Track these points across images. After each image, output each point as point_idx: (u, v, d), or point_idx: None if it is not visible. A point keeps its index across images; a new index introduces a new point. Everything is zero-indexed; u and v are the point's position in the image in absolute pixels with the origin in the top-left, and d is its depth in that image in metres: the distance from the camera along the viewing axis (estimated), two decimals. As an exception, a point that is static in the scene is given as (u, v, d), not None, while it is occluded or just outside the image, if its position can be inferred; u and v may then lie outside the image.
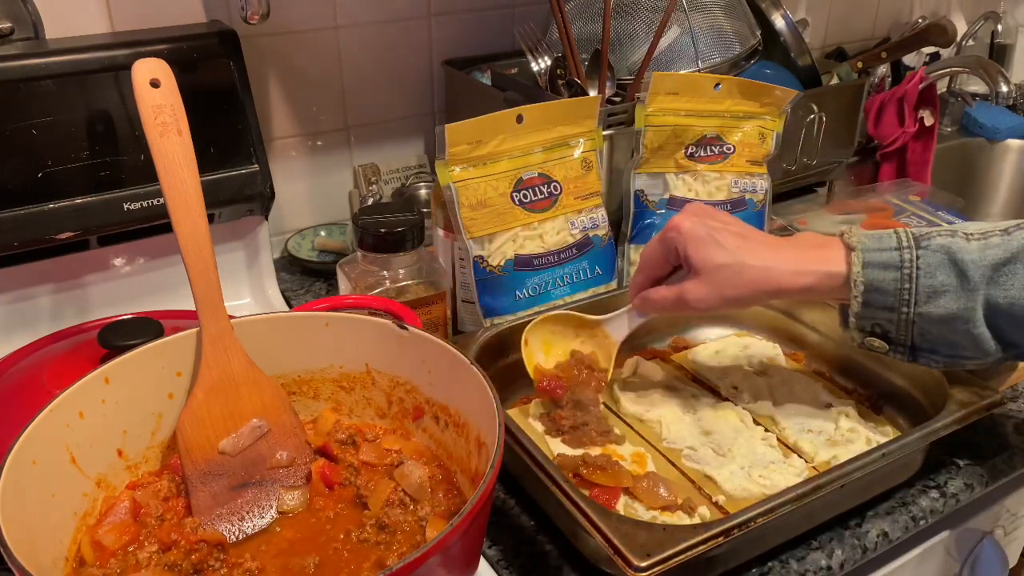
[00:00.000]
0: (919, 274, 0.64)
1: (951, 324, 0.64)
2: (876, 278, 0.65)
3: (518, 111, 0.84)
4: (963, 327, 0.64)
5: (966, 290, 0.63)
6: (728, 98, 0.97)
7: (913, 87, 1.35)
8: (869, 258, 0.65)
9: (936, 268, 0.64)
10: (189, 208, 0.63)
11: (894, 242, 0.65)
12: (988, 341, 0.64)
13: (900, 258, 0.64)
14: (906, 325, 0.65)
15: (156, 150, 0.62)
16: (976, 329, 0.64)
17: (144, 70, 0.63)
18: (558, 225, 0.89)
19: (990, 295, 0.63)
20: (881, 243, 0.65)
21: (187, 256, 0.63)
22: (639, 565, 0.55)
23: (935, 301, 0.64)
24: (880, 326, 0.67)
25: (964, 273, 0.63)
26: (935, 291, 0.63)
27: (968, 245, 0.64)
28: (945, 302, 0.63)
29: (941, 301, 0.64)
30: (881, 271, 0.65)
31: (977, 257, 0.63)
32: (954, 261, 0.63)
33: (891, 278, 0.64)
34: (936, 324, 0.64)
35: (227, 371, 0.65)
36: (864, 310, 0.66)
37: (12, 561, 0.47)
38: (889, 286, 0.64)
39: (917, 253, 0.64)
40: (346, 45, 1.09)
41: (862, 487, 0.71)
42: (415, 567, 0.47)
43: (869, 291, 0.65)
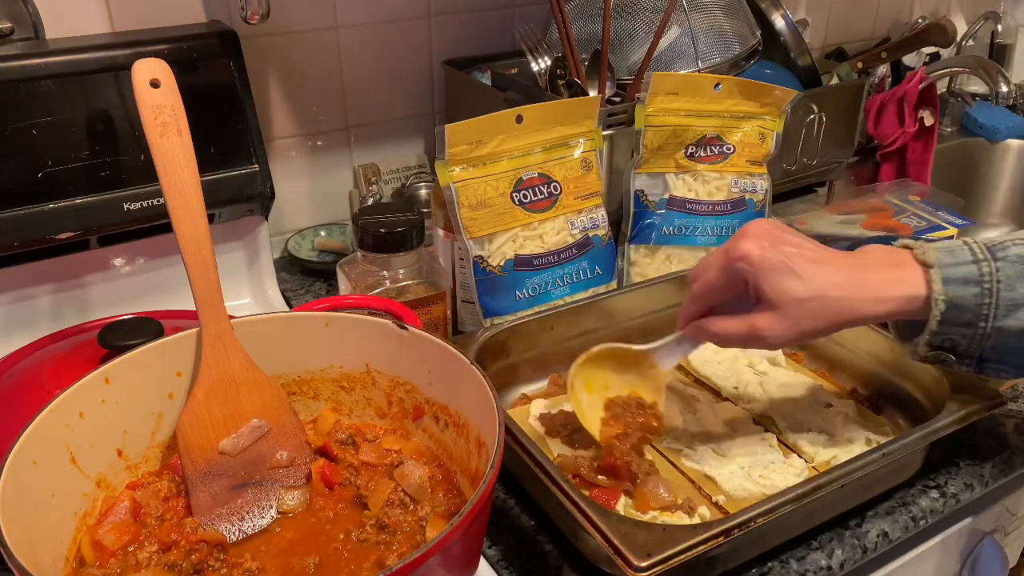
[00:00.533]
0: (999, 287, 0.61)
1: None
2: (957, 295, 0.61)
3: (518, 111, 0.84)
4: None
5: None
6: (728, 98, 0.97)
7: (913, 87, 1.35)
8: (948, 274, 0.62)
9: (1016, 280, 0.61)
10: (189, 208, 0.63)
11: (969, 255, 0.62)
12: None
13: (979, 272, 0.61)
14: (980, 339, 0.62)
15: (156, 150, 0.62)
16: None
17: (144, 70, 0.63)
18: (558, 225, 0.89)
19: None
20: (956, 257, 0.62)
21: (187, 256, 0.63)
22: (639, 565, 0.55)
23: (1015, 314, 0.61)
24: (952, 341, 0.63)
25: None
26: (1015, 304, 0.61)
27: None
28: None
29: (1021, 313, 0.61)
30: (962, 287, 0.61)
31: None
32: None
33: (972, 293, 0.61)
34: (1012, 337, 0.62)
35: (227, 371, 0.65)
36: (941, 328, 0.62)
37: (12, 561, 0.47)
38: (970, 302, 0.61)
39: (996, 265, 0.61)
40: (346, 45, 1.09)
41: (862, 487, 0.71)
42: (415, 567, 0.47)
43: (950, 309, 0.62)
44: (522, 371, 0.83)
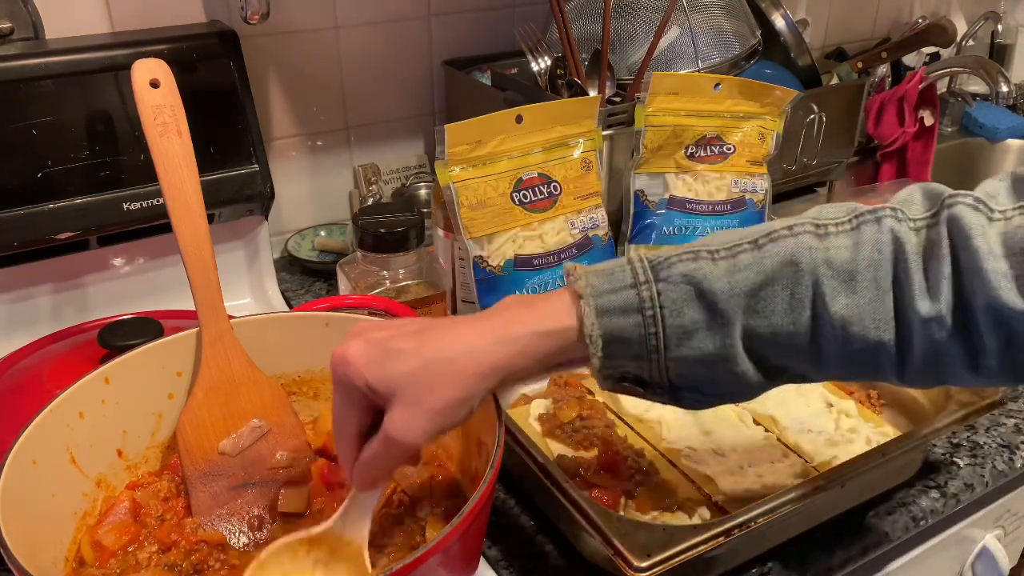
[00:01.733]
0: (664, 314, 0.51)
1: (711, 365, 0.52)
2: (615, 327, 0.51)
3: (518, 111, 0.84)
4: (723, 365, 0.52)
5: (720, 325, 0.51)
6: (728, 98, 0.97)
7: (913, 87, 1.35)
8: (602, 304, 0.51)
9: (683, 304, 0.51)
10: (189, 208, 0.63)
11: (628, 278, 0.52)
12: (751, 375, 0.53)
13: (639, 298, 0.51)
14: (660, 370, 0.52)
15: (156, 150, 0.62)
16: (738, 367, 0.52)
17: (144, 70, 0.63)
18: (558, 225, 0.89)
19: (749, 325, 0.51)
20: (614, 282, 0.52)
21: (187, 256, 0.63)
22: (639, 565, 0.55)
23: (688, 343, 0.51)
24: (630, 373, 0.53)
25: (715, 306, 0.51)
26: (686, 331, 0.51)
27: (715, 268, 0.51)
28: (699, 342, 0.51)
29: (694, 342, 0.51)
30: (620, 317, 0.51)
31: (726, 286, 0.51)
32: (701, 293, 0.51)
33: (632, 324, 0.51)
34: (694, 366, 0.52)
35: (227, 371, 0.65)
36: (608, 362, 0.52)
37: (12, 561, 0.47)
38: (632, 333, 0.51)
39: (657, 288, 0.51)
40: (346, 45, 1.09)
41: (862, 487, 0.71)
42: (415, 567, 0.47)
43: (610, 343, 0.51)
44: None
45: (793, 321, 0.51)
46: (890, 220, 0.51)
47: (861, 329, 0.50)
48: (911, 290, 0.50)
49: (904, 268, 0.50)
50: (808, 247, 0.51)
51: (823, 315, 0.50)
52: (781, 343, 0.52)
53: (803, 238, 0.51)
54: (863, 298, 0.50)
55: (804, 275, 0.50)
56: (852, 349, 0.51)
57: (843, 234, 0.51)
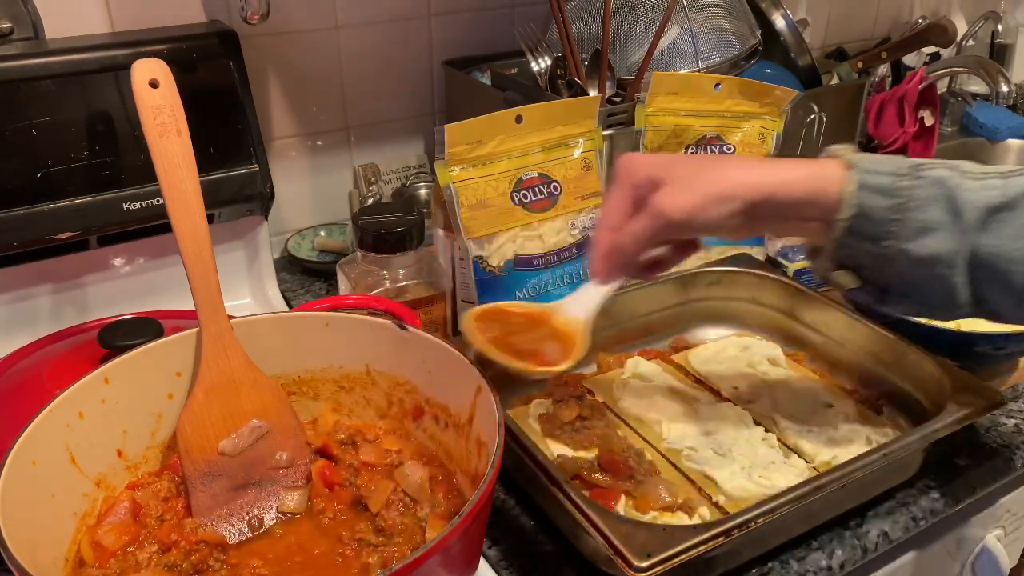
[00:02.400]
0: (912, 206, 0.57)
1: (931, 267, 0.58)
2: (869, 203, 0.57)
3: (517, 111, 0.84)
4: (944, 272, 0.58)
5: (959, 231, 0.57)
6: (728, 98, 0.97)
7: (913, 87, 1.35)
8: (866, 180, 0.58)
9: (930, 202, 0.57)
10: (189, 209, 0.63)
11: (893, 167, 0.58)
12: (963, 291, 0.59)
13: (896, 185, 0.57)
14: (884, 262, 0.59)
15: (155, 150, 0.62)
16: (958, 276, 0.58)
17: (143, 70, 0.63)
18: (558, 225, 0.89)
19: (980, 242, 0.57)
20: (880, 166, 0.58)
21: (187, 257, 0.63)
22: (639, 565, 0.55)
23: (922, 239, 0.57)
24: (856, 258, 0.60)
25: (960, 212, 0.57)
26: (925, 227, 0.57)
27: (966, 181, 0.58)
28: (933, 241, 0.57)
29: (928, 240, 0.57)
30: (875, 196, 0.57)
31: (973, 197, 0.57)
32: (951, 197, 0.57)
33: (883, 206, 0.57)
34: (916, 266, 0.58)
35: (227, 372, 0.65)
36: (847, 237, 0.59)
37: (12, 561, 0.47)
38: (880, 214, 0.57)
39: (915, 183, 0.57)
40: (346, 45, 1.09)
41: (862, 487, 0.71)
42: (415, 567, 0.47)
43: (859, 216, 0.58)
44: (522, 371, 0.83)
45: (1019, 248, 0.56)
46: None
47: None
48: None
49: None
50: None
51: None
52: (999, 268, 0.57)
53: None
54: None
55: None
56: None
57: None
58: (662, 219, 0.58)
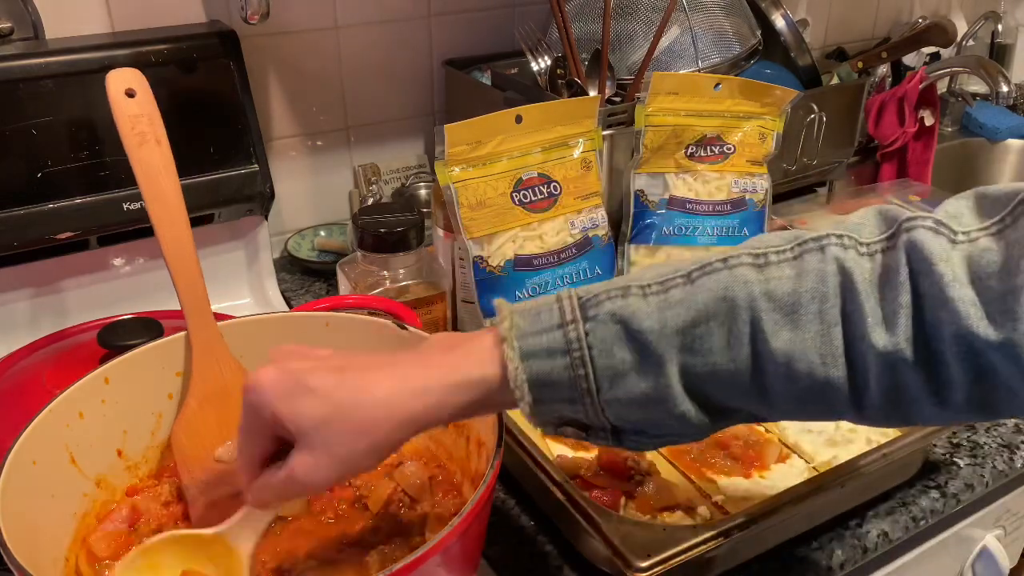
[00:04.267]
0: (593, 354, 0.48)
1: (648, 406, 0.49)
2: (542, 370, 0.48)
3: (517, 111, 0.84)
4: (662, 407, 0.48)
5: (652, 365, 0.47)
6: (728, 98, 0.97)
7: (913, 87, 1.35)
8: (527, 347, 0.48)
9: (612, 343, 0.48)
10: (172, 218, 0.62)
11: (556, 318, 0.49)
12: (694, 416, 0.49)
13: (566, 339, 0.48)
14: (597, 413, 0.49)
15: (135, 160, 0.62)
16: (677, 408, 0.48)
17: (118, 80, 0.62)
18: (558, 225, 0.89)
19: (686, 364, 0.48)
20: (540, 322, 0.49)
21: (172, 266, 0.63)
22: (639, 565, 0.55)
23: (621, 384, 0.48)
24: (567, 417, 0.50)
25: (646, 346, 0.47)
26: (617, 372, 0.48)
27: (645, 305, 0.48)
28: (632, 384, 0.48)
29: (628, 384, 0.48)
30: (546, 360, 0.48)
31: (656, 324, 0.47)
32: (630, 332, 0.48)
33: (560, 366, 0.48)
34: (630, 408, 0.49)
35: (219, 379, 0.64)
36: (540, 407, 0.49)
37: (12, 561, 0.47)
38: (561, 376, 0.48)
39: (585, 328, 0.48)
40: (346, 45, 1.09)
41: (862, 487, 0.71)
42: (415, 567, 0.47)
43: (537, 387, 0.48)
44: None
45: (732, 359, 0.47)
46: (835, 248, 0.47)
47: (807, 366, 0.46)
48: (863, 322, 0.46)
49: (854, 299, 0.46)
50: (744, 280, 0.47)
51: (764, 352, 0.47)
52: (723, 382, 0.48)
53: (739, 271, 0.48)
54: (807, 332, 0.46)
55: (741, 310, 0.47)
56: (800, 387, 0.47)
57: (784, 263, 0.48)
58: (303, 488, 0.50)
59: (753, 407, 0.50)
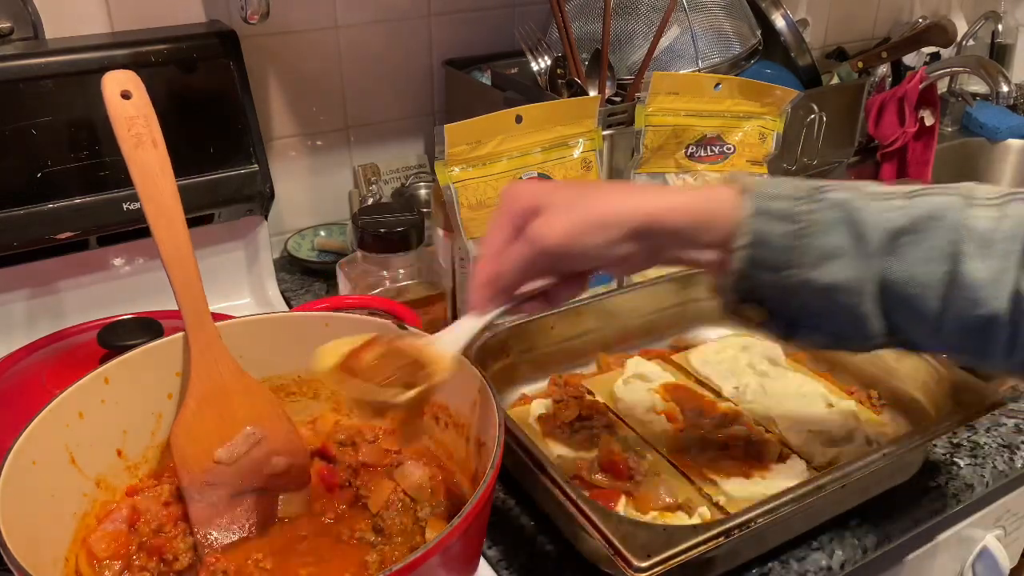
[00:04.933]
0: (814, 231, 0.53)
1: (838, 296, 0.54)
2: (766, 229, 0.53)
3: (517, 111, 0.84)
4: (852, 300, 0.54)
5: (863, 256, 0.53)
6: (728, 98, 0.97)
7: (913, 87, 1.35)
8: (762, 205, 0.53)
9: (831, 226, 0.53)
10: (169, 219, 0.62)
11: (791, 190, 0.54)
12: (875, 321, 0.54)
13: (795, 210, 0.53)
14: (788, 292, 0.54)
15: (132, 162, 0.61)
16: (865, 305, 0.53)
17: (114, 82, 0.62)
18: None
19: (887, 267, 0.53)
20: (777, 189, 0.54)
21: (169, 268, 0.62)
22: (639, 565, 0.55)
23: (826, 266, 0.53)
24: (759, 291, 0.55)
25: (863, 235, 0.53)
26: (827, 254, 0.53)
27: (868, 202, 0.54)
28: (836, 268, 0.53)
29: (831, 267, 0.53)
30: (773, 222, 0.53)
31: (875, 219, 0.53)
32: (852, 220, 0.53)
33: (781, 232, 0.53)
34: (822, 295, 0.54)
35: (217, 380, 0.64)
36: (746, 268, 0.54)
37: (12, 561, 0.47)
38: (778, 241, 0.53)
39: (813, 207, 0.53)
40: (346, 45, 1.09)
41: (862, 487, 0.71)
42: (415, 567, 0.47)
43: (756, 244, 0.53)
44: (522, 371, 0.83)
45: (929, 272, 0.52)
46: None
47: (986, 296, 0.51)
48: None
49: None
50: (955, 207, 0.52)
51: (956, 274, 0.51)
52: (911, 294, 0.53)
53: (952, 199, 0.53)
54: (994, 267, 0.51)
55: (946, 230, 0.52)
56: (973, 316, 0.52)
57: (991, 207, 0.53)
58: (538, 245, 0.54)
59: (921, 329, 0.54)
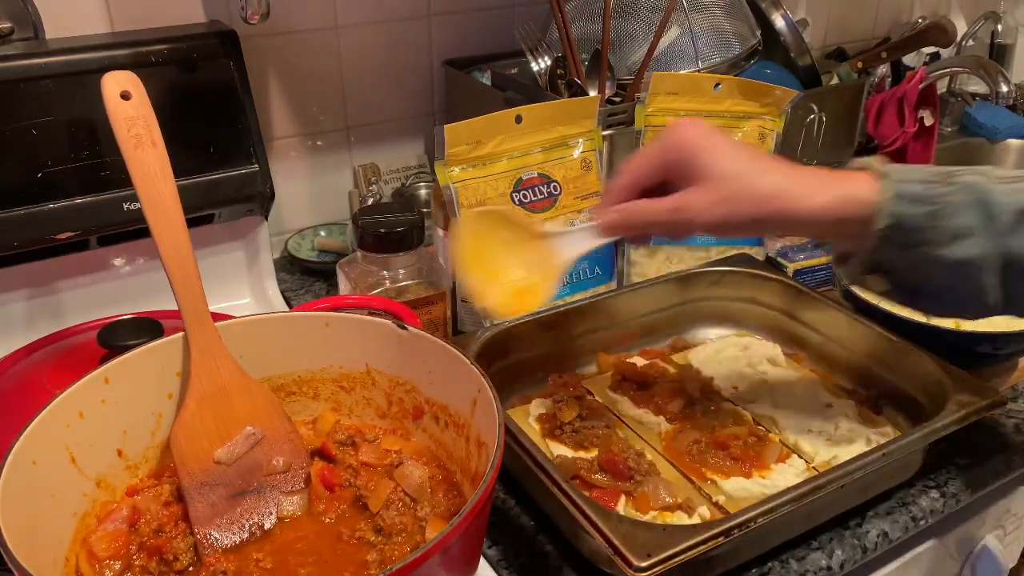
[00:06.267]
0: (945, 212, 0.57)
1: (963, 271, 0.58)
2: (904, 212, 0.57)
3: (517, 111, 0.84)
4: (976, 274, 0.58)
5: (992, 234, 0.57)
6: (728, 98, 0.97)
7: (913, 87, 1.35)
8: (899, 189, 0.58)
9: (963, 208, 0.57)
10: (169, 220, 0.62)
11: (924, 175, 0.59)
12: (995, 292, 0.59)
13: (931, 192, 0.58)
14: (917, 266, 0.59)
15: (131, 162, 0.62)
16: (989, 278, 0.58)
17: (113, 83, 0.62)
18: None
19: (1010, 243, 0.57)
20: (911, 174, 0.59)
21: (169, 268, 0.62)
22: (639, 565, 0.55)
23: (956, 244, 0.57)
24: (888, 264, 0.60)
25: (993, 216, 0.57)
26: (958, 233, 0.57)
27: (999, 185, 0.58)
28: (966, 246, 0.57)
29: (962, 245, 0.57)
30: (910, 204, 0.58)
31: (1007, 200, 0.57)
32: (983, 201, 0.57)
33: (920, 213, 0.57)
34: (949, 269, 0.58)
35: (217, 381, 0.64)
36: (882, 244, 0.59)
37: (12, 561, 0.47)
38: (916, 222, 0.57)
39: (947, 189, 0.58)
40: (346, 45, 1.09)
41: (862, 487, 0.71)
42: (415, 567, 0.47)
43: (893, 226, 0.58)
44: (522, 371, 0.83)
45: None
46: None
47: None
48: None
49: None
50: None
51: None
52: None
53: None
54: None
55: None
56: None
57: None
58: (684, 222, 0.60)
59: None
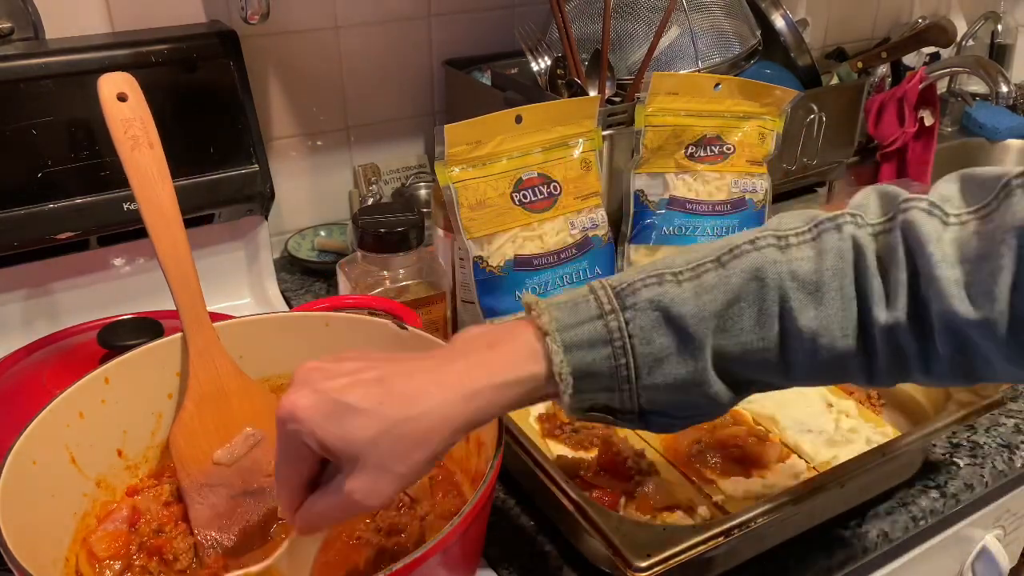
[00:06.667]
0: (634, 343, 0.49)
1: (683, 389, 0.51)
2: (584, 362, 0.49)
3: (517, 111, 0.84)
4: (696, 389, 0.51)
5: (692, 349, 0.50)
6: (728, 98, 0.97)
7: (913, 87, 1.35)
8: (569, 339, 0.49)
9: (651, 331, 0.49)
10: (166, 221, 0.62)
11: (594, 309, 0.50)
12: (723, 395, 0.52)
13: (607, 328, 0.49)
14: (632, 399, 0.51)
15: (128, 164, 0.62)
16: (711, 388, 0.51)
17: (110, 84, 0.62)
18: (558, 225, 0.89)
19: (719, 344, 0.50)
20: (579, 314, 0.50)
21: (167, 270, 0.62)
22: (639, 565, 0.55)
23: (660, 370, 0.50)
24: (600, 403, 0.52)
25: (685, 331, 0.49)
26: (657, 359, 0.50)
27: (681, 292, 0.50)
28: (670, 368, 0.50)
29: (666, 369, 0.50)
30: (589, 351, 0.49)
31: (694, 308, 0.50)
32: (670, 318, 0.49)
33: (602, 356, 0.49)
34: (666, 392, 0.51)
35: (216, 382, 0.64)
36: (579, 397, 0.50)
37: (12, 561, 0.47)
38: (602, 366, 0.50)
39: (624, 317, 0.50)
40: (346, 45, 1.09)
41: (862, 487, 0.71)
42: (415, 567, 0.47)
43: (581, 378, 0.50)
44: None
45: (762, 337, 0.50)
46: (850, 226, 0.50)
47: (830, 340, 0.50)
48: (871, 297, 0.49)
49: (865, 275, 0.50)
50: (772, 260, 0.50)
51: (791, 329, 0.50)
52: (750, 360, 0.51)
53: (766, 252, 0.50)
54: (830, 309, 0.50)
55: (770, 290, 0.50)
56: (821, 359, 0.50)
57: (805, 244, 0.51)
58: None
59: (773, 379, 0.53)
